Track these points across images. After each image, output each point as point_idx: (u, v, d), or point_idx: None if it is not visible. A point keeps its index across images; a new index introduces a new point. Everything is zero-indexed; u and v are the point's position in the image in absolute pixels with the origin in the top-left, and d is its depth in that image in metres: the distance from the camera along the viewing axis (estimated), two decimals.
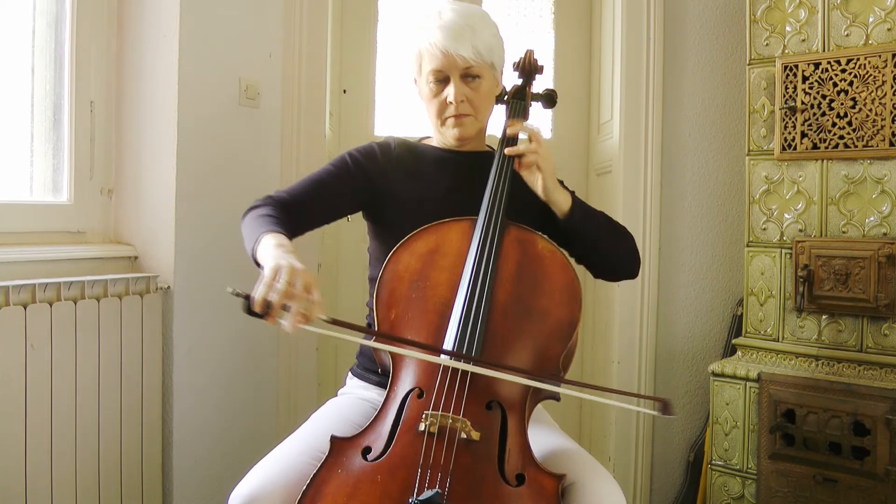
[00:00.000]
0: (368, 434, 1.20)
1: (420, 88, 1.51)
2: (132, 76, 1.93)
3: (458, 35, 1.40)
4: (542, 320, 1.30)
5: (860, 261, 1.75)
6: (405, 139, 1.58)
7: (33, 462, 1.57)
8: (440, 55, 1.41)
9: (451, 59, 1.41)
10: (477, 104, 1.47)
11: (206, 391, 2.00)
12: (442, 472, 1.12)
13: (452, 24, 1.41)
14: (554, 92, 1.63)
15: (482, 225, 1.36)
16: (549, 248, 1.37)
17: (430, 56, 1.43)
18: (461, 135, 1.48)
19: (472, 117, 1.48)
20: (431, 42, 1.42)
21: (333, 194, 1.47)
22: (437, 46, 1.41)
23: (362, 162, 1.50)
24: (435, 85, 1.45)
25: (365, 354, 1.50)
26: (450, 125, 1.48)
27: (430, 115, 1.51)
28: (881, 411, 1.67)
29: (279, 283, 1.10)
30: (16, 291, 1.56)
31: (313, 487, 1.13)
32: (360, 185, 1.49)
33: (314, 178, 1.48)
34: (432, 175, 1.51)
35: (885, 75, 1.73)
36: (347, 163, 1.50)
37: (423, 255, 1.35)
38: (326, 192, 1.47)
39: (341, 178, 1.48)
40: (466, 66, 1.42)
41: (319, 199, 1.46)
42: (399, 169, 1.51)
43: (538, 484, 1.15)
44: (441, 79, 1.44)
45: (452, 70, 1.43)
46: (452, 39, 1.40)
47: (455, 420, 1.16)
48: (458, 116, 1.46)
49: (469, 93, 1.45)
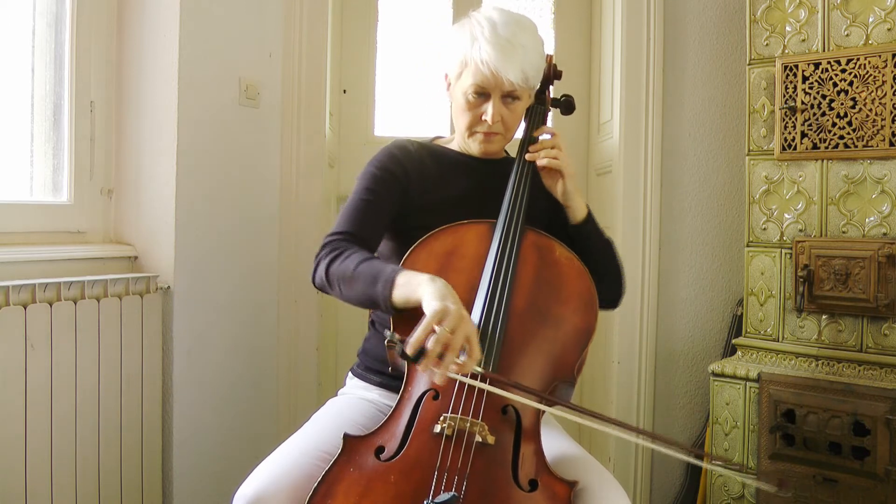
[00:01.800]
0: (382, 433, 1.20)
1: (453, 93, 1.47)
2: (132, 76, 1.93)
3: (509, 55, 1.37)
4: (558, 327, 1.30)
5: (860, 261, 1.75)
6: (420, 141, 1.56)
7: (33, 462, 1.57)
8: (488, 74, 1.38)
9: (499, 80, 1.38)
10: (510, 124, 1.46)
11: (206, 391, 2.00)
12: (458, 476, 1.11)
13: (506, 42, 1.37)
14: (572, 98, 1.61)
15: (502, 229, 1.36)
16: (566, 254, 1.37)
17: (476, 70, 1.39)
18: (487, 150, 1.48)
19: (502, 136, 1.47)
20: (483, 58, 1.38)
21: (385, 213, 1.44)
22: (488, 65, 1.37)
23: (394, 170, 1.46)
24: (474, 98, 1.42)
25: (368, 354, 1.49)
26: (478, 140, 1.47)
27: (457, 122, 1.49)
28: (881, 411, 1.67)
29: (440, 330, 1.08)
30: (16, 291, 1.56)
31: (325, 485, 1.12)
32: (400, 195, 1.45)
33: (365, 204, 1.42)
34: (451, 178, 1.50)
35: (885, 75, 1.72)
36: (382, 177, 1.44)
37: (440, 256, 1.33)
38: (380, 213, 1.43)
39: (383, 196, 1.43)
40: (511, 90, 1.41)
41: (377, 223, 1.43)
42: (419, 171, 1.48)
43: (551, 490, 1.15)
44: (481, 93, 1.42)
45: (496, 90, 1.41)
46: (503, 60, 1.37)
47: (473, 424, 1.16)
48: (488, 134, 1.45)
49: (506, 113, 1.44)
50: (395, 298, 1.21)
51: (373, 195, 1.42)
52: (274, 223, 2.22)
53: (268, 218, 2.20)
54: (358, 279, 1.26)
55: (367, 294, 1.25)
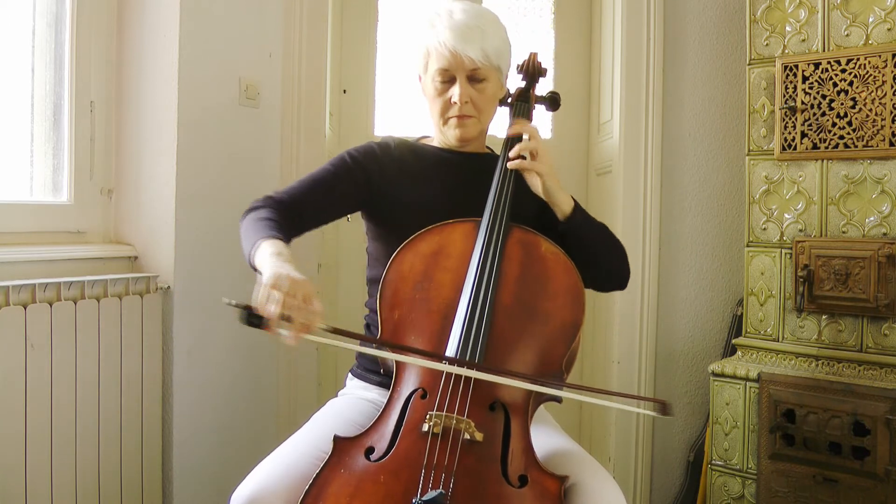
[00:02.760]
0: (371, 434, 1.20)
1: (424, 86, 1.50)
2: (132, 76, 1.93)
3: (467, 36, 1.40)
4: (545, 322, 1.30)
5: (860, 261, 1.75)
6: (404, 139, 1.58)
7: (33, 462, 1.57)
8: (448, 55, 1.41)
9: (459, 59, 1.41)
10: (481, 106, 1.47)
11: (206, 391, 2.00)
12: (445, 473, 1.12)
13: (463, 24, 1.41)
14: (557, 95, 1.63)
15: (486, 226, 1.36)
16: (552, 250, 1.37)
17: (437, 55, 1.43)
18: (463, 135, 1.48)
19: (475, 119, 1.48)
20: (441, 41, 1.41)
21: (333, 194, 1.47)
22: (447, 46, 1.41)
23: (361, 161, 1.50)
24: (440, 84, 1.45)
25: (365, 356, 1.50)
26: (452, 125, 1.48)
27: (432, 114, 1.51)
28: (881, 411, 1.67)
29: (278, 294, 1.09)
30: (16, 291, 1.56)
31: (316, 487, 1.13)
32: (359, 185, 1.48)
33: (313, 178, 1.48)
34: (433, 175, 1.51)
35: (885, 75, 1.73)
36: (347, 162, 1.50)
37: (426, 256, 1.35)
38: (326, 191, 1.46)
39: (340, 177, 1.48)
40: (474, 68, 1.42)
41: (319, 200, 1.46)
42: (399, 169, 1.50)
43: (541, 485, 1.15)
44: (447, 79, 1.44)
45: (459, 70, 1.43)
46: (462, 40, 1.40)
47: (459, 421, 1.16)
48: (461, 117, 1.46)
49: (474, 94, 1.45)
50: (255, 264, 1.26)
51: (327, 175, 1.47)
52: None
53: None
54: (245, 238, 1.33)
55: (245, 252, 1.31)
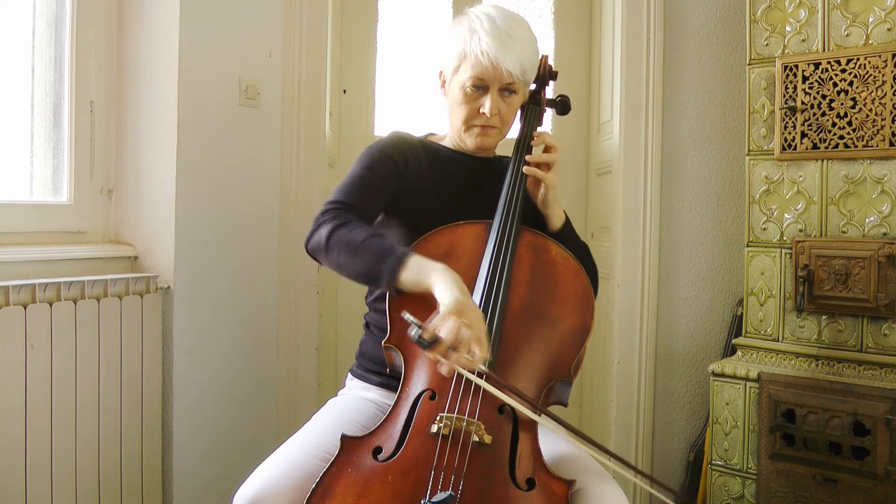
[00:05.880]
0: (379, 434, 1.20)
1: (450, 89, 1.47)
2: (132, 76, 1.93)
3: (509, 48, 1.38)
4: (554, 326, 1.31)
5: (860, 261, 1.75)
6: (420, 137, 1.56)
7: (33, 462, 1.57)
8: (489, 65, 1.39)
9: (498, 71, 1.39)
10: (506, 118, 1.47)
11: (206, 391, 2.00)
12: (455, 475, 1.12)
13: (506, 35, 1.39)
14: (567, 99, 1.62)
15: (498, 228, 1.36)
16: (562, 254, 1.37)
17: (475, 62, 1.40)
18: (484, 145, 1.48)
19: (499, 130, 1.48)
20: (482, 49, 1.38)
21: (384, 195, 1.43)
22: (488, 55, 1.38)
23: (394, 157, 1.45)
24: (471, 90, 1.43)
25: (365, 356, 1.50)
26: (475, 133, 1.47)
27: (452, 117, 1.49)
28: (881, 411, 1.67)
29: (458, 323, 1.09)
30: (16, 291, 1.56)
31: (323, 486, 1.13)
32: (394, 180, 1.44)
33: (365, 181, 1.40)
34: (448, 175, 1.50)
35: (885, 75, 1.72)
36: (390, 161, 1.44)
37: (436, 258, 1.32)
38: (381, 194, 1.42)
39: (384, 177, 1.43)
40: (509, 82, 1.41)
41: (377, 203, 1.42)
42: (419, 164, 1.48)
43: (548, 489, 1.15)
44: (480, 86, 1.42)
45: (494, 82, 1.41)
46: (503, 52, 1.38)
47: (469, 423, 1.16)
48: (485, 127, 1.46)
49: (503, 107, 1.44)
50: (403, 279, 1.21)
51: (372, 173, 1.41)
52: (274, 223, 2.22)
53: (268, 218, 2.20)
54: (364, 251, 1.24)
55: (370, 268, 1.23)
